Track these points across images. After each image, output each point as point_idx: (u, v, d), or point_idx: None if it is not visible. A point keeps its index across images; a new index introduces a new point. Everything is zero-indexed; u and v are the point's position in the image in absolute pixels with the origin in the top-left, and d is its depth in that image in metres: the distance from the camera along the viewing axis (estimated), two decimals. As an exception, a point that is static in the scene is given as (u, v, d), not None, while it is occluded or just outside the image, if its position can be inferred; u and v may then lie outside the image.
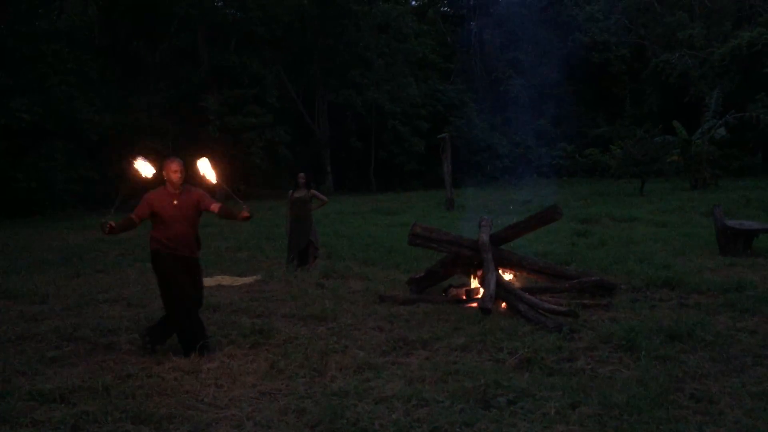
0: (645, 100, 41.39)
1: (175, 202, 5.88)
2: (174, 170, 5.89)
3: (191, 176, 6.14)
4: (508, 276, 7.97)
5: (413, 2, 50.35)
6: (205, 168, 6.08)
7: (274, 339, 6.28)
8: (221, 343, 6.16)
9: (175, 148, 30.20)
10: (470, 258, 7.83)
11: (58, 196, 25.35)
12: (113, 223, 5.70)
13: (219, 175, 6.07)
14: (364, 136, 39.20)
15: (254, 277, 9.99)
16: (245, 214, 5.98)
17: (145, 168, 5.96)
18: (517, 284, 7.74)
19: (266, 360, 5.63)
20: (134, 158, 5.93)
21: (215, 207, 5.99)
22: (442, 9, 50.26)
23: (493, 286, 6.97)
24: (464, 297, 7.73)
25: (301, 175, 10.92)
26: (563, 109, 42.46)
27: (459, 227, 12.16)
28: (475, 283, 7.87)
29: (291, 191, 10.88)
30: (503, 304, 7.19)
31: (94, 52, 29.33)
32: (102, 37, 31.10)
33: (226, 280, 9.77)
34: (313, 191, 10.94)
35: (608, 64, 42.59)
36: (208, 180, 6.07)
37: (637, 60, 42.41)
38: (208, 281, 9.47)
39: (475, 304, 7.26)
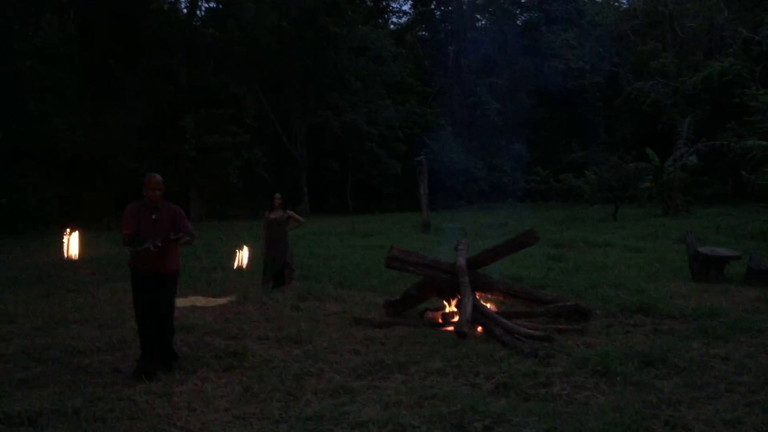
0: (619, 127, 42.10)
1: (153, 217, 5.90)
2: (153, 187, 5.93)
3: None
4: (484, 300, 7.98)
5: (392, 26, 50.82)
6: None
7: (248, 362, 6.21)
8: (194, 365, 6.07)
9: (150, 167, 30.00)
10: (447, 281, 7.83)
11: (29, 214, 24.97)
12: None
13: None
14: (342, 158, 39.26)
15: (228, 298, 9.89)
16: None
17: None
18: (493, 308, 7.75)
19: (240, 383, 5.55)
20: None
21: (182, 226, 6.02)
22: (420, 33, 50.74)
23: (469, 310, 6.97)
24: (440, 320, 7.72)
25: (278, 195, 10.89)
26: (538, 134, 42.99)
27: (435, 250, 12.17)
28: (451, 307, 7.87)
29: (267, 212, 10.83)
30: (479, 328, 7.19)
31: (70, 69, 29.09)
32: (79, 55, 30.85)
33: (200, 301, 9.67)
34: (289, 212, 10.91)
35: (583, 91, 43.29)
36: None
37: (611, 87, 43.15)
38: (181, 301, 9.37)
39: (451, 328, 7.25)
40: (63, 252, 15.86)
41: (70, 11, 31.13)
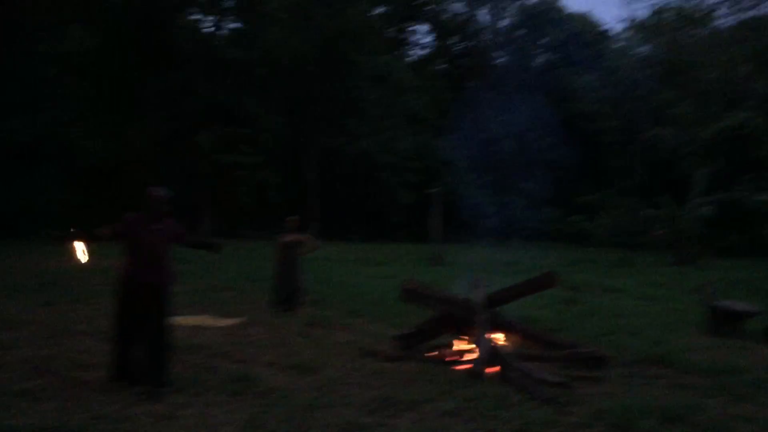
0: (633, 173, 41.92)
1: (153, 227, 5.92)
2: (157, 199, 5.97)
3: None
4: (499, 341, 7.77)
5: (413, 57, 51.16)
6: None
7: (255, 388, 6.01)
8: (199, 388, 5.88)
9: (165, 181, 30.00)
10: (462, 318, 7.64)
11: (38, 219, 24.90)
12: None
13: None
14: (354, 185, 39.25)
15: (237, 319, 9.71)
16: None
17: (80, 252, 6.00)
18: (509, 349, 7.54)
19: (246, 411, 5.36)
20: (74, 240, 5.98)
21: (183, 239, 6.20)
22: (439, 67, 50.97)
23: (486, 349, 6.77)
24: (453, 358, 7.50)
25: (292, 218, 10.78)
26: (551, 174, 42.78)
27: (448, 285, 11.98)
28: (465, 345, 7.66)
29: (281, 234, 10.70)
30: (494, 369, 6.98)
31: (91, 79, 29.30)
32: (101, 64, 31.09)
33: (207, 320, 9.49)
34: (304, 236, 10.78)
35: (598, 134, 43.25)
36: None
37: (628, 132, 43.09)
38: (189, 320, 9.21)
39: (464, 367, 7.04)
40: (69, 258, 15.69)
41: (96, 22, 31.40)
